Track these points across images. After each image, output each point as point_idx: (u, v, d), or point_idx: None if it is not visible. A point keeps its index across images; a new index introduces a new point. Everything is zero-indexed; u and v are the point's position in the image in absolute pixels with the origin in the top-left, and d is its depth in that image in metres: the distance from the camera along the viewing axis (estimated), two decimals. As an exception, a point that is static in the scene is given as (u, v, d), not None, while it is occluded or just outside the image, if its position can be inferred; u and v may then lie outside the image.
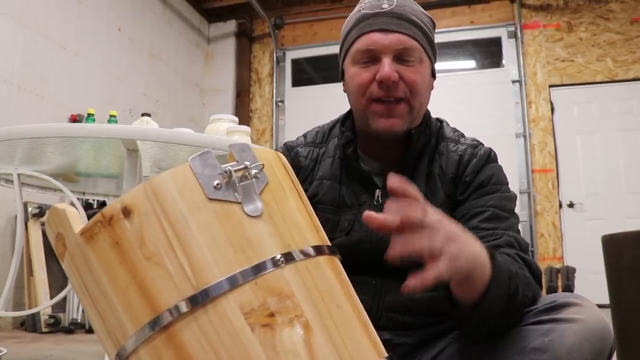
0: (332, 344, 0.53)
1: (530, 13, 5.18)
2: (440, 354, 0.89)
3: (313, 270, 0.56)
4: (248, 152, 0.58)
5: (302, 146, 1.05)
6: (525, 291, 0.77)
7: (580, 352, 0.70)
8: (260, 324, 0.51)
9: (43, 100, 3.76)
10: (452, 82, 5.16)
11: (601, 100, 4.93)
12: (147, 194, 0.54)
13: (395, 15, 0.92)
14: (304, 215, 0.61)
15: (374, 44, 0.92)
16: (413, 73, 0.92)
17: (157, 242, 0.53)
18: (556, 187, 4.91)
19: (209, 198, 0.54)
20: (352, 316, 0.57)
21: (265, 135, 5.63)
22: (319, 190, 0.99)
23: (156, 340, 0.52)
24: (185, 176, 0.55)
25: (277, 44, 5.73)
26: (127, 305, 0.53)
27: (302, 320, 0.52)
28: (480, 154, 0.97)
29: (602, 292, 1.02)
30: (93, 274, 0.55)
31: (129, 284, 0.53)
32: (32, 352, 2.53)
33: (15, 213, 3.41)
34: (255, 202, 0.56)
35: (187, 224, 0.53)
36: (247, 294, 0.52)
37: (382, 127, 0.92)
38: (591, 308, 0.75)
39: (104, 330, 0.56)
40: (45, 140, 1.53)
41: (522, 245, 0.86)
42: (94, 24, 4.28)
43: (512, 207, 0.93)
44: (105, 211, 0.54)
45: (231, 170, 0.55)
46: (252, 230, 0.55)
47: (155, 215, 0.53)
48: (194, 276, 0.52)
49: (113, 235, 0.53)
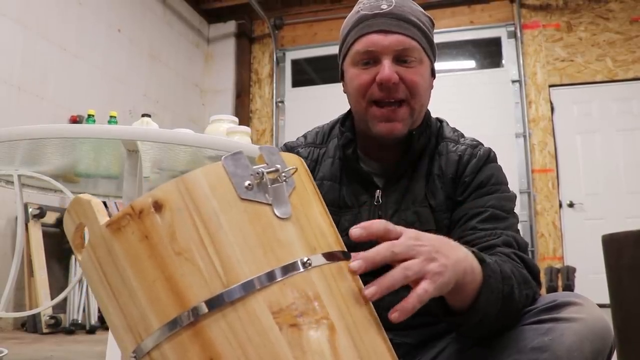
0: (354, 346, 0.54)
1: (529, 13, 5.19)
2: (441, 353, 0.89)
3: (336, 274, 0.57)
4: (277, 156, 0.60)
5: (303, 147, 1.05)
6: (523, 290, 0.77)
7: (581, 351, 0.70)
8: (288, 324, 0.51)
9: (43, 101, 3.76)
10: (451, 82, 5.16)
11: (601, 100, 4.93)
12: (180, 190, 0.54)
13: (394, 16, 0.92)
14: (326, 220, 0.63)
15: (373, 45, 0.91)
16: (413, 74, 0.92)
17: (188, 238, 0.53)
18: (556, 186, 4.91)
19: (240, 198, 0.55)
20: (371, 320, 0.58)
21: (265, 136, 5.64)
22: (319, 190, 0.99)
23: (182, 335, 0.52)
24: (218, 175, 0.56)
25: (277, 44, 5.73)
26: (153, 299, 0.53)
27: (328, 322, 0.53)
28: (480, 154, 0.96)
29: (602, 291, 1.02)
30: (117, 266, 0.55)
31: (156, 278, 0.53)
32: (33, 353, 2.53)
33: (15, 214, 3.41)
34: (285, 205, 0.57)
35: (219, 222, 0.54)
36: (276, 294, 0.52)
37: (383, 131, 0.92)
38: (591, 307, 0.75)
39: (124, 325, 0.56)
40: (45, 141, 1.53)
41: (520, 244, 0.85)
42: (94, 25, 4.28)
43: (512, 207, 0.93)
44: (135, 204, 0.54)
45: (263, 172, 0.57)
46: (282, 231, 0.56)
47: (187, 211, 0.54)
48: (224, 274, 0.52)
49: (142, 228, 0.54)
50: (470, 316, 0.72)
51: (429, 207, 0.94)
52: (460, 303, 0.71)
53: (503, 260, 0.78)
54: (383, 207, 0.96)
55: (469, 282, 0.68)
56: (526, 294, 0.77)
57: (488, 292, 0.70)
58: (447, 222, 0.93)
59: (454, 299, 0.71)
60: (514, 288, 0.75)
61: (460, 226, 0.90)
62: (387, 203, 0.96)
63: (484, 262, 0.71)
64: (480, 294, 0.70)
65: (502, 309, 0.73)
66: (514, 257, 0.81)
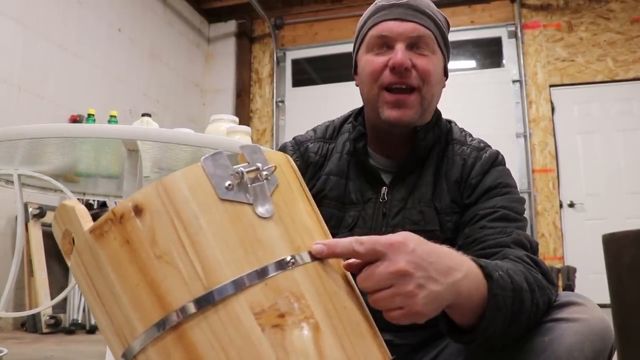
0: (340, 346, 0.53)
1: (530, 13, 5.18)
2: (441, 353, 0.89)
3: (322, 272, 0.56)
4: (259, 154, 0.59)
5: (312, 141, 1.04)
6: (539, 298, 0.72)
7: (581, 352, 0.70)
8: (270, 324, 0.51)
9: (43, 100, 3.76)
10: (452, 82, 5.04)
11: (602, 100, 4.92)
12: (160, 193, 0.54)
13: (410, 7, 0.93)
14: (312, 218, 0.61)
15: (388, 31, 0.92)
16: (426, 62, 0.92)
17: (168, 241, 0.53)
18: (556, 187, 4.90)
19: (220, 198, 0.54)
20: (359, 318, 0.57)
21: (266, 136, 5.64)
22: (325, 185, 0.99)
23: (166, 339, 0.52)
24: (198, 176, 0.55)
25: (278, 44, 5.73)
26: (136, 304, 0.53)
27: (312, 321, 0.52)
28: (486, 157, 0.95)
29: (602, 292, 1.02)
30: (102, 272, 0.55)
31: (138, 282, 0.53)
32: (33, 353, 2.53)
33: (15, 214, 3.41)
34: (267, 204, 0.56)
35: (199, 224, 0.53)
36: (257, 294, 0.52)
37: (393, 117, 0.92)
38: (592, 308, 0.74)
39: (111, 329, 0.56)
40: (45, 141, 1.53)
41: (532, 245, 0.83)
42: (94, 24, 4.28)
43: (522, 209, 0.91)
44: (116, 209, 0.54)
45: (243, 172, 0.56)
46: (263, 231, 0.55)
47: (167, 215, 0.53)
48: (205, 276, 0.52)
49: (124, 233, 0.54)
50: (474, 335, 0.69)
51: (434, 208, 0.94)
52: (463, 320, 0.69)
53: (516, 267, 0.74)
54: (388, 205, 0.95)
55: (465, 302, 0.64)
56: (542, 301, 0.73)
57: (494, 311, 0.67)
58: (452, 225, 0.92)
59: (455, 315, 0.68)
60: (525, 300, 0.70)
61: (469, 225, 0.89)
62: (393, 200, 0.95)
63: (490, 278, 0.67)
64: (486, 312, 0.66)
65: (510, 325, 0.70)
66: (527, 260, 0.77)
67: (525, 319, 0.72)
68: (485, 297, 0.66)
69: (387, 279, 0.57)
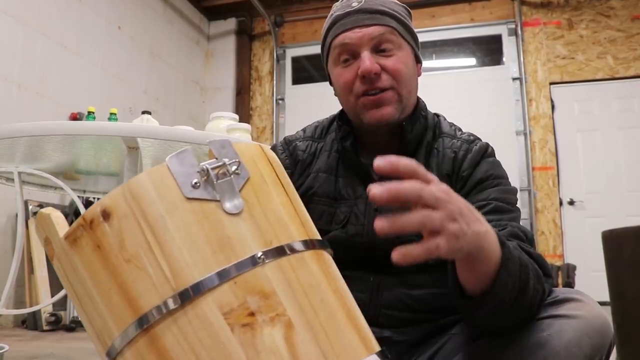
0: (315, 341, 0.52)
1: (530, 10, 5.18)
2: (440, 350, 0.89)
3: (296, 266, 0.55)
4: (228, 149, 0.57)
5: (301, 140, 1.06)
6: (536, 284, 0.73)
7: (580, 347, 0.70)
8: (240, 323, 0.50)
9: (43, 98, 3.76)
10: (452, 79, 5.15)
11: (602, 98, 4.92)
12: (126, 196, 0.53)
13: (365, 11, 0.93)
14: (289, 210, 0.59)
15: (349, 40, 0.93)
16: (394, 62, 0.92)
17: (136, 244, 0.52)
18: (556, 184, 4.91)
19: (186, 197, 0.53)
20: (338, 311, 0.55)
21: (266, 133, 5.64)
22: (314, 182, 0.99)
23: (139, 342, 0.52)
24: (163, 176, 0.54)
25: (277, 41, 5.73)
26: (110, 307, 0.53)
27: (284, 318, 0.51)
28: (476, 149, 0.96)
29: (602, 289, 1.02)
30: (79, 277, 0.55)
31: (111, 286, 0.53)
32: (33, 350, 2.53)
33: (15, 211, 3.41)
34: (234, 200, 0.55)
35: (165, 225, 0.52)
36: (226, 293, 0.51)
37: (374, 118, 0.93)
38: (591, 304, 0.75)
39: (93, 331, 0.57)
40: (45, 139, 1.54)
41: (528, 236, 0.83)
42: (94, 22, 4.28)
43: (515, 200, 0.91)
44: (86, 215, 0.54)
45: (208, 168, 0.54)
46: (232, 228, 0.54)
47: (133, 217, 0.53)
48: (172, 277, 0.51)
49: (94, 238, 0.53)
50: (486, 299, 0.68)
51: None
52: (475, 283, 0.68)
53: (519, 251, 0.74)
54: None
55: (483, 259, 0.64)
56: (541, 289, 0.74)
57: (506, 275, 0.67)
58: None
59: (469, 276, 0.68)
60: (530, 278, 0.71)
61: None
62: None
63: (504, 244, 0.67)
64: (498, 275, 0.66)
65: (518, 297, 0.70)
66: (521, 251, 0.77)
67: (528, 298, 0.72)
68: (498, 262, 0.66)
69: (434, 199, 0.56)
